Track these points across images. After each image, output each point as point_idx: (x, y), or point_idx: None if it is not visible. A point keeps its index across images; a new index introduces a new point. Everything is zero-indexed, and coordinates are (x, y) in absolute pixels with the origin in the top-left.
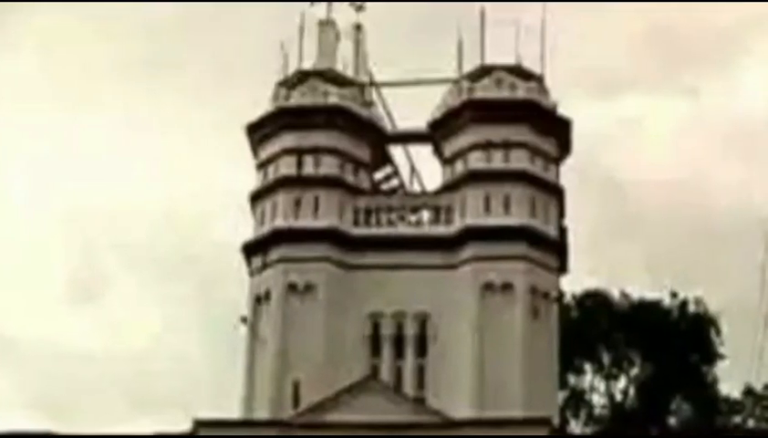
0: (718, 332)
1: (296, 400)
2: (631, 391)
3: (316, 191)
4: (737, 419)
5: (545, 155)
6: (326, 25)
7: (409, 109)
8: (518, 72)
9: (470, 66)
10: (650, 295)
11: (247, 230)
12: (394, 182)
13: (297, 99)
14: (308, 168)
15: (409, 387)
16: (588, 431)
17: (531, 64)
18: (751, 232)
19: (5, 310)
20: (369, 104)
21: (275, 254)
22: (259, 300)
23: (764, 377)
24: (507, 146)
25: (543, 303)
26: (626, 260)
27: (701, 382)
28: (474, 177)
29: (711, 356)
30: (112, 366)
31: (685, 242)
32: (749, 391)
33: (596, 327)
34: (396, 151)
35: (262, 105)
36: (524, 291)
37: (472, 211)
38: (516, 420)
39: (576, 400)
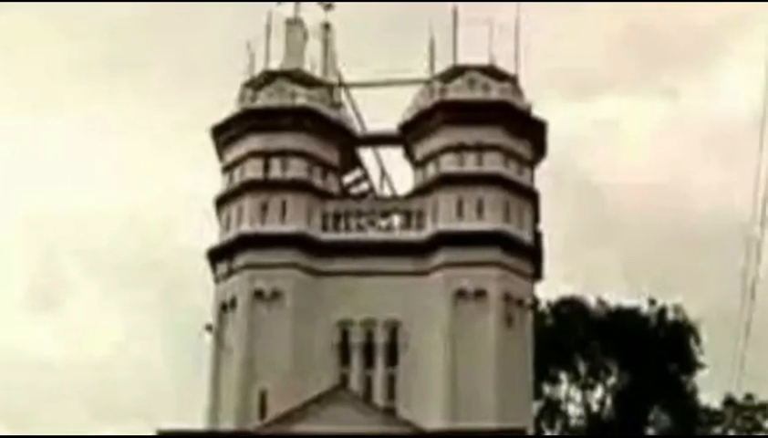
0: (697, 340)
1: (263, 410)
2: (608, 401)
3: (284, 195)
4: (717, 429)
5: (520, 158)
6: (294, 24)
7: (380, 111)
8: (491, 72)
9: (442, 66)
10: (628, 302)
11: (212, 235)
12: (364, 186)
13: (264, 100)
14: (275, 171)
15: (379, 397)
16: None
17: (505, 64)
18: (731, 237)
19: None
20: (338, 105)
21: (240, 260)
22: (225, 307)
23: (745, 387)
24: (480, 149)
25: (517, 310)
26: (602, 266)
27: (680, 392)
28: (446, 181)
29: (691, 365)
30: (74, 375)
31: (664, 247)
32: (729, 401)
33: (571, 335)
34: (366, 154)
35: (227, 106)
36: (498, 298)
37: (444, 215)
38: (490, 431)
39: (552, 410)
